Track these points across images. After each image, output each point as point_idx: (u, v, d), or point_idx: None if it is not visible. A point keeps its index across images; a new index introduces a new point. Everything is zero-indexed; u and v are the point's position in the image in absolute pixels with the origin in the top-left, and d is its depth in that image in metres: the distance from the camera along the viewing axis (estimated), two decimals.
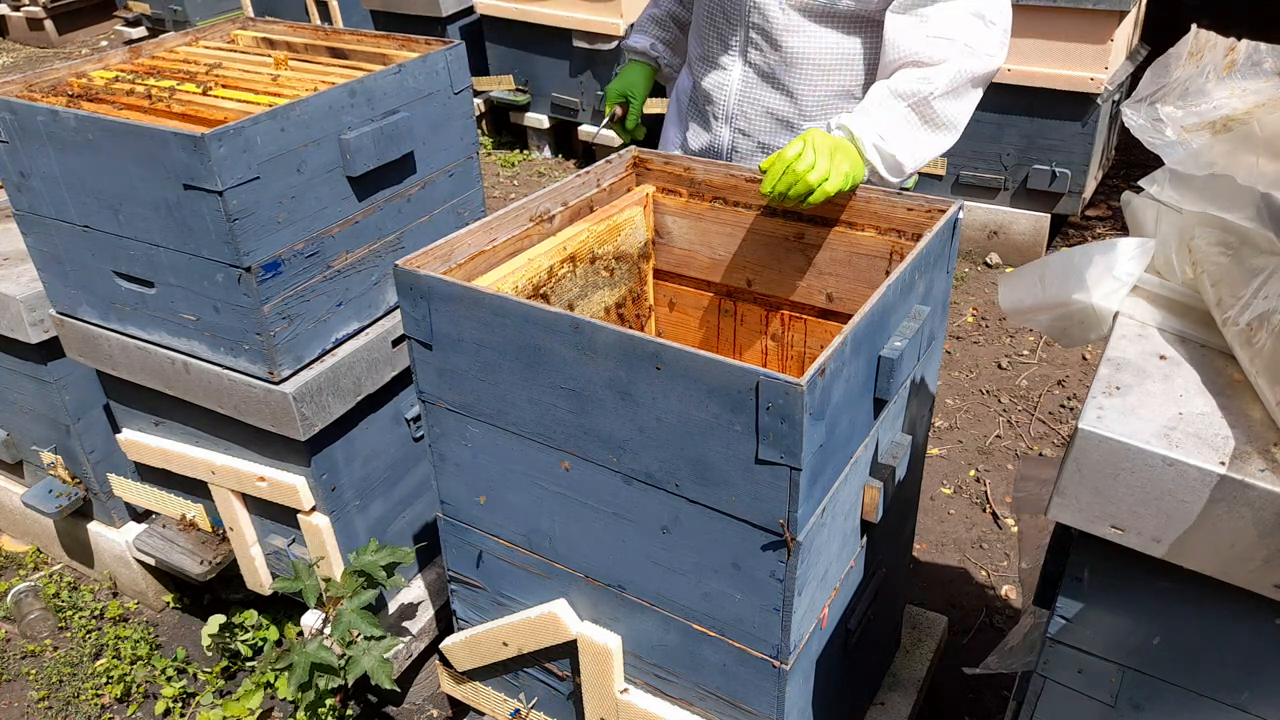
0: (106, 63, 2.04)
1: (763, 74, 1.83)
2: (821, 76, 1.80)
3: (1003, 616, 2.44)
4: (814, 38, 1.77)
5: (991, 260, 4.06)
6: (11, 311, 2.07)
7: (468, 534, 1.59)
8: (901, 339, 1.32)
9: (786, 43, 1.78)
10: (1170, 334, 1.18)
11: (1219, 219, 1.13)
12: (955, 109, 1.65)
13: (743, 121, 1.89)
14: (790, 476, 1.15)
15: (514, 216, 1.58)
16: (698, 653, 1.40)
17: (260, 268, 1.65)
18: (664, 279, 1.88)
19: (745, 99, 1.87)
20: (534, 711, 1.71)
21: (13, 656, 2.44)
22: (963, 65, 1.61)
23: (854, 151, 1.60)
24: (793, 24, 1.76)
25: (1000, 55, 1.66)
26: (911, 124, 1.63)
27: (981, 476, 2.92)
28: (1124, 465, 1.02)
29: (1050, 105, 3.68)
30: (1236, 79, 1.27)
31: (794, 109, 1.84)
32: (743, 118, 1.89)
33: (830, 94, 1.82)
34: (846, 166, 1.55)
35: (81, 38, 8.04)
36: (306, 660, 1.82)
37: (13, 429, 2.41)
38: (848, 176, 1.55)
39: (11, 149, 1.78)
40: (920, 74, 1.62)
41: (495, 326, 1.31)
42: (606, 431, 1.29)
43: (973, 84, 1.65)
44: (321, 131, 1.70)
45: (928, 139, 1.65)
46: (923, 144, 1.65)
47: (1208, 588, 1.05)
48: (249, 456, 1.97)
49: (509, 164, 5.20)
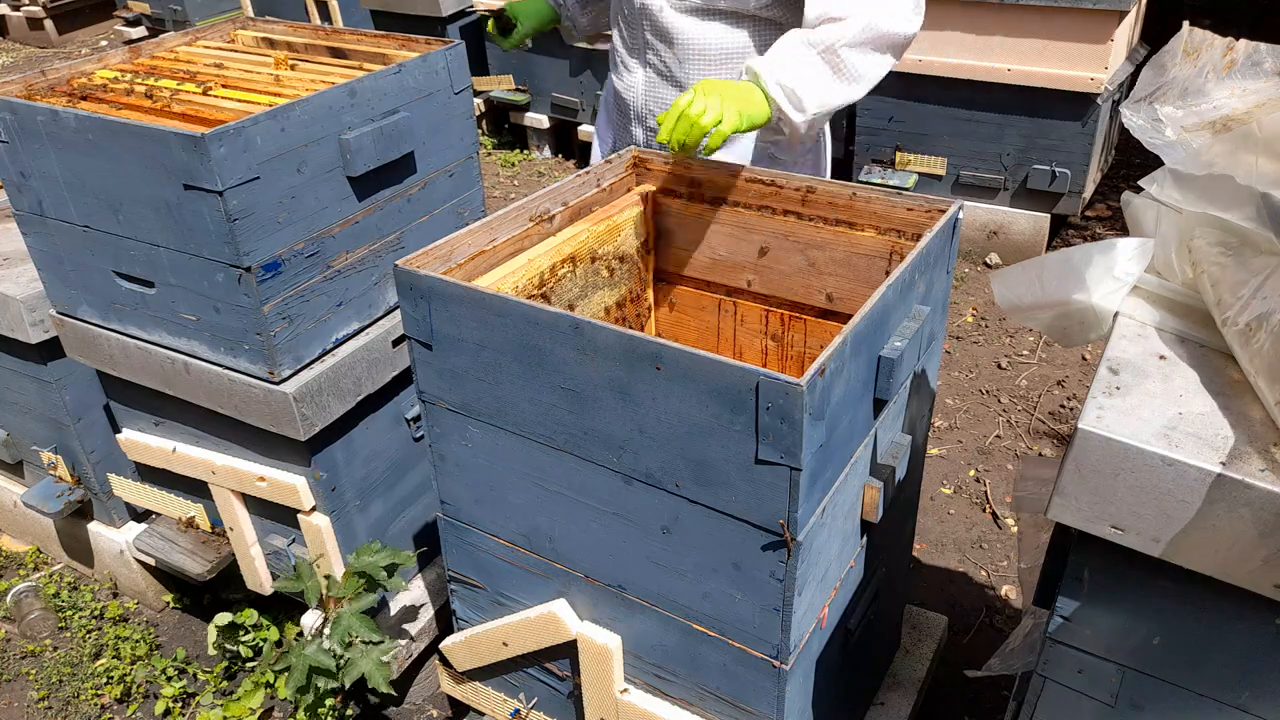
0: (106, 63, 2.04)
1: (661, 73, 1.94)
2: (713, 70, 1.89)
3: (1003, 616, 2.44)
4: (701, 34, 1.86)
5: (991, 260, 4.06)
6: (11, 311, 2.07)
7: (468, 534, 1.59)
8: (901, 339, 1.32)
9: (677, 40, 1.88)
10: (1170, 334, 1.18)
11: (1219, 219, 1.14)
12: (863, 62, 1.68)
13: (651, 120, 2.00)
14: (790, 476, 1.15)
15: (514, 216, 1.58)
16: (698, 653, 1.40)
17: (260, 268, 1.65)
18: (664, 279, 1.88)
19: (650, 98, 1.98)
20: (534, 711, 1.71)
21: (13, 656, 2.44)
22: (873, 19, 1.66)
23: (756, 93, 1.64)
24: (679, 23, 1.86)
25: (914, 22, 1.70)
26: (818, 68, 1.67)
27: (981, 476, 2.92)
28: (1124, 465, 1.02)
29: (1050, 105, 3.68)
30: (1236, 79, 1.27)
31: None
32: (651, 117, 2.00)
33: None
34: (742, 108, 1.60)
35: (81, 38, 8.04)
36: (304, 663, 1.82)
37: (13, 429, 2.41)
38: (743, 116, 1.60)
39: (11, 149, 1.78)
40: (832, 25, 1.67)
41: (495, 327, 1.31)
42: (606, 431, 1.29)
43: (883, 41, 1.69)
44: (321, 131, 1.70)
45: (833, 85, 1.69)
46: (828, 89, 1.68)
47: (1208, 588, 1.05)
48: (249, 456, 1.97)
49: (509, 164, 5.20)
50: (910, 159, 4.05)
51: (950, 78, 3.78)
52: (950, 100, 3.85)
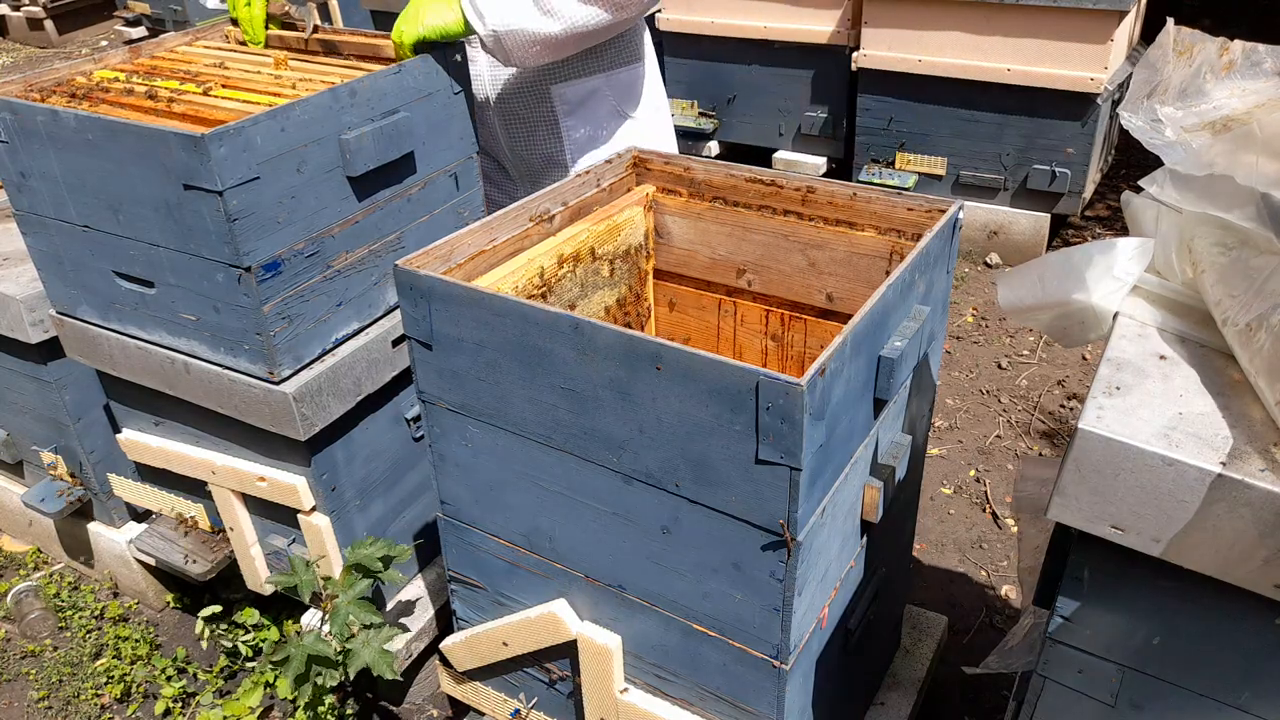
0: (106, 63, 2.03)
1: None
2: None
3: (1003, 616, 2.44)
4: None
5: (991, 260, 4.06)
6: (11, 311, 2.07)
7: (468, 534, 1.59)
8: (901, 339, 1.32)
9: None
10: (1170, 334, 1.18)
11: (1219, 219, 1.14)
12: (561, 2, 1.74)
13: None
14: (790, 476, 1.15)
15: (514, 216, 1.58)
16: (698, 653, 1.40)
17: (260, 268, 1.65)
18: (664, 279, 1.88)
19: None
20: (534, 711, 1.71)
21: (13, 656, 2.44)
22: None
23: (454, 4, 1.75)
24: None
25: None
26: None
27: (981, 476, 2.92)
28: (1124, 465, 1.02)
29: (1050, 105, 3.68)
30: (1236, 79, 1.27)
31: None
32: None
33: None
34: (426, 16, 1.75)
35: (81, 38, 8.04)
36: (303, 653, 1.80)
37: (13, 429, 2.41)
38: (428, 26, 1.75)
39: (11, 149, 1.78)
40: None
41: (495, 326, 1.31)
42: (606, 431, 1.29)
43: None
44: (321, 131, 1.70)
45: (524, 9, 1.74)
46: (517, 11, 1.74)
47: (1208, 588, 1.05)
48: (249, 456, 1.97)
49: None
50: (910, 159, 4.05)
51: (950, 78, 3.79)
52: (950, 100, 3.86)
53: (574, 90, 2.06)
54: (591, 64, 2.05)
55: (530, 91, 2.05)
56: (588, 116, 2.10)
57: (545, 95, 2.05)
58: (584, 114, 2.09)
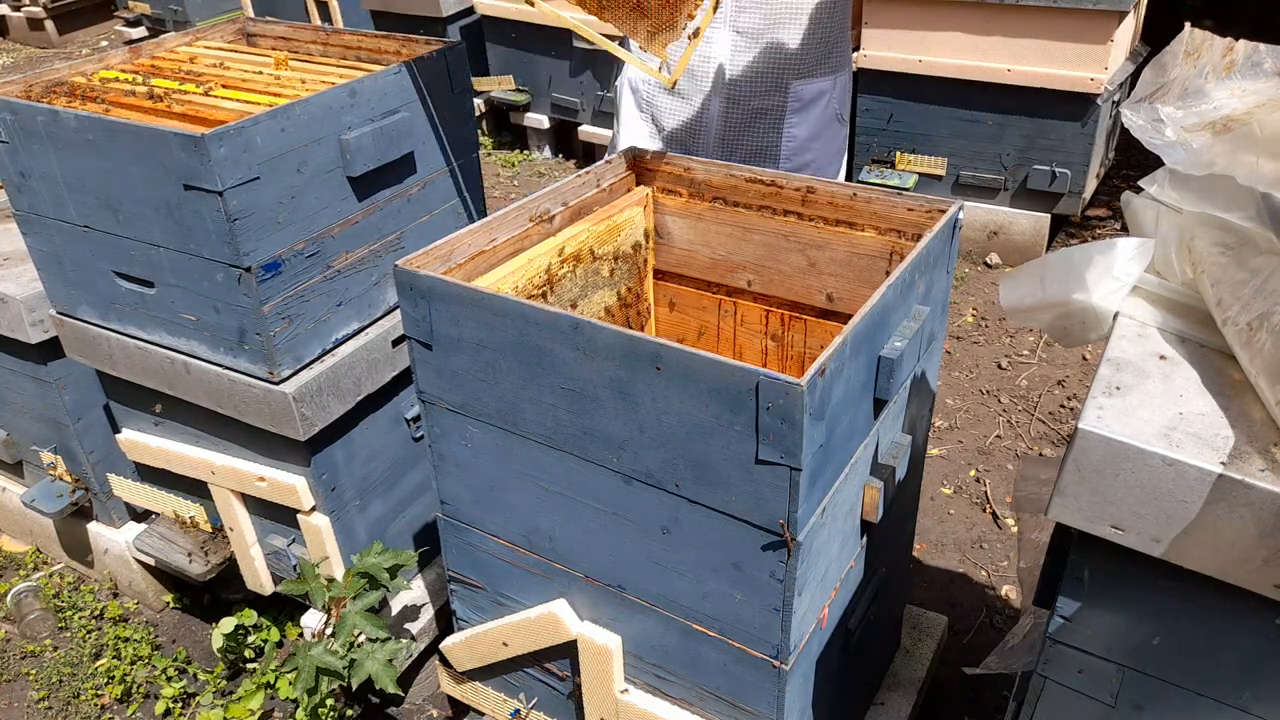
0: (106, 63, 2.04)
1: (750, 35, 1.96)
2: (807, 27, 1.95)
3: (1003, 616, 2.44)
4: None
5: (991, 260, 4.06)
6: (11, 311, 2.07)
7: (468, 534, 1.59)
8: (901, 339, 1.32)
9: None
10: (1170, 334, 1.18)
11: (1219, 219, 1.13)
12: None
13: (735, 90, 2.02)
14: (790, 476, 1.15)
15: (514, 216, 1.58)
16: (698, 653, 1.40)
17: (260, 268, 1.65)
18: (664, 279, 1.88)
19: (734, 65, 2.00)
20: (534, 711, 1.71)
21: (13, 656, 2.44)
22: None
23: None
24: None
25: None
26: None
27: (981, 476, 2.92)
28: (1124, 465, 1.02)
29: (1050, 105, 3.68)
30: (1236, 79, 1.27)
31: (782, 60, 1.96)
32: (735, 86, 2.02)
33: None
34: None
35: (81, 38, 8.04)
36: (312, 664, 1.81)
37: (13, 429, 2.41)
38: None
39: (11, 149, 1.78)
40: None
41: (495, 327, 1.31)
42: (606, 431, 1.29)
43: None
44: (321, 131, 1.70)
45: None
46: None
47: (1208, 588, 1.05)
48: (249, 456, 1.97)
49: (509, 164, 5.20)
50: (910, 159, 4.05)
51: (950, 78, 3.78)
52: (950, 100, 3.85)
53: (809, 89, 2.06)
54: (829, 63, 2.05)
55: (768, 81, 2.02)
56: (810, 116, 2.10)
57: (782, 89, 2.03)
58: (807, 114, 2.09)
